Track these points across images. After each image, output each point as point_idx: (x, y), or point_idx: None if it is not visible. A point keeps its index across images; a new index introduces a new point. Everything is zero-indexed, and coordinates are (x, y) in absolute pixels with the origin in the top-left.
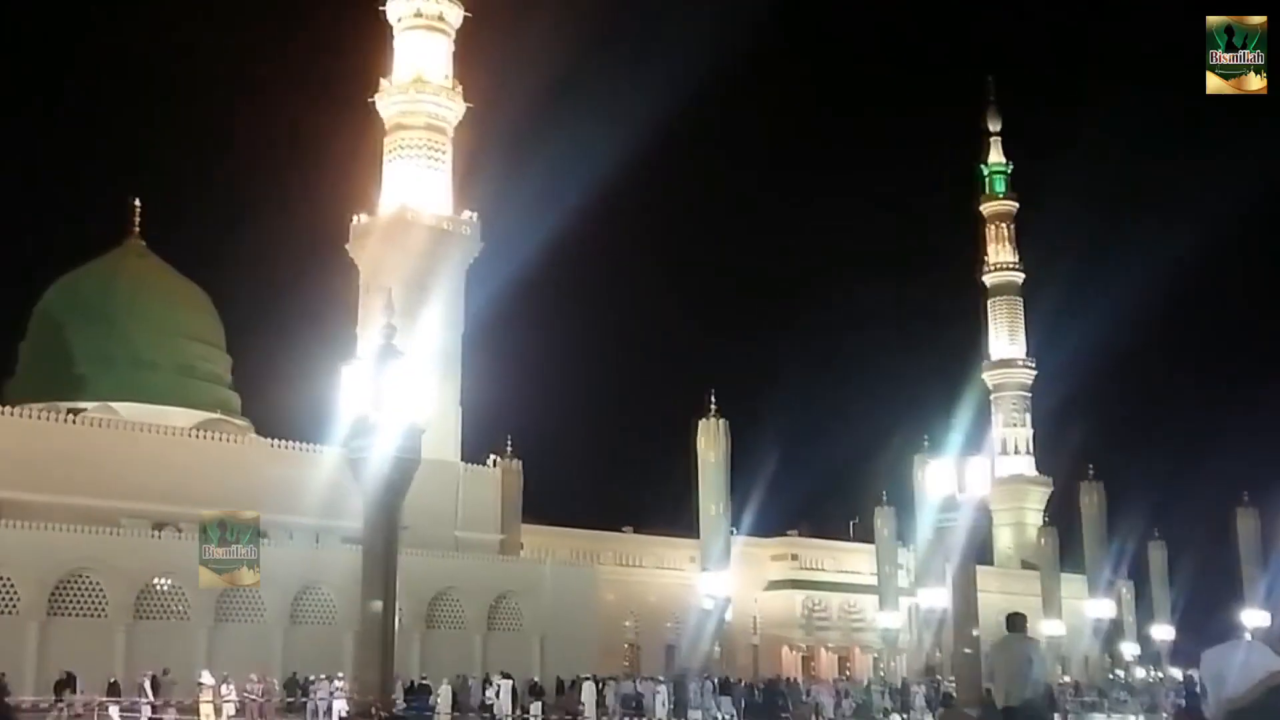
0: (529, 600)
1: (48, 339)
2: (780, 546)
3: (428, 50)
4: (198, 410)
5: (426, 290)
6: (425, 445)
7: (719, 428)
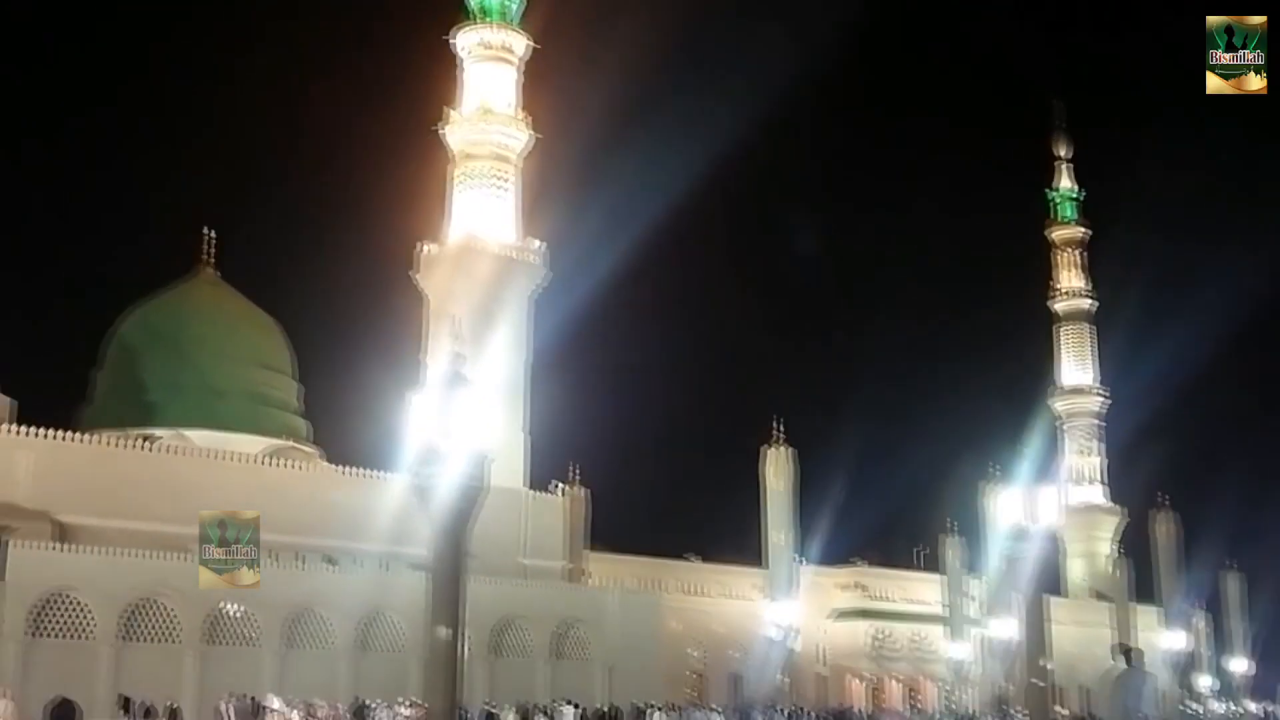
0: (594, 628)
1: (122, 367)
2: (847, 575)
3: (494, 81)
4: (268, 437)
5: (493, 318)
6: (492, 472)
7: (786, 456)
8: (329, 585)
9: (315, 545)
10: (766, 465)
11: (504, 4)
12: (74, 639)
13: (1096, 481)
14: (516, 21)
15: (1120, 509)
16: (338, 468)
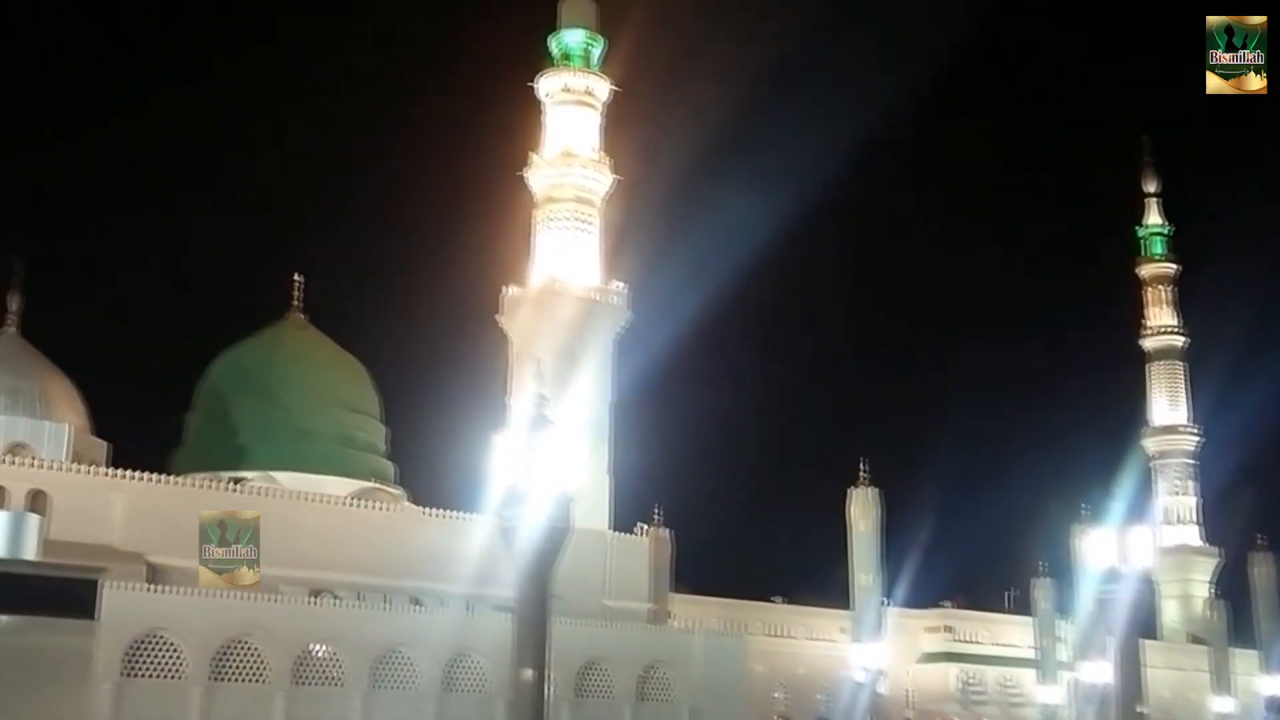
0: (678, 670)
1: (213, 410)
2: (935, 618)
3: (577, 124)
4: (354, 479)
5: (576, 359)
6: (575, 514)
7: (871, 496)
8: (414, 626)
9: (401, 586)
10: (851, 506)
11: (586, 49)
12: (166, 679)
13: (1191, 522)
14: (598, 66)
15: (1216, 550)
16: (423, 509)
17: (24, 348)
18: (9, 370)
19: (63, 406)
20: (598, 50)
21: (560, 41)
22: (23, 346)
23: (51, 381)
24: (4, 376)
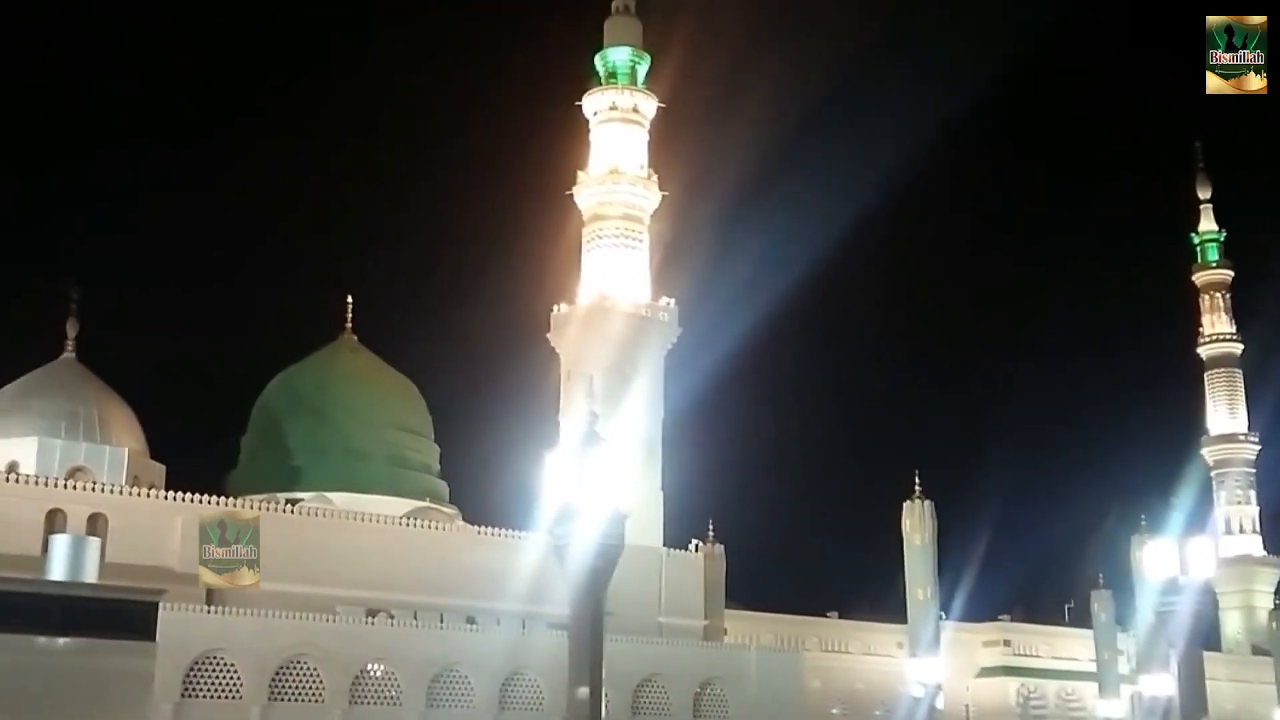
0: (734, 687)
1: (267, 432)
2: (992, 632)
3: (623, 142)
4: (408, 499)
5: (626, 377)
6: (628, 531)
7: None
8: (469, 645)
9: (455, 605)
10: (905, 519)
11: (632, 66)
12: (224, 699)
13: (1251, 532)
14: (644, 83)
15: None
16: (476, 528)
17: (81, 372)
18: (67, 395)
19: (120, 430)
20: (643, 67)
21: (606, 60)
22: (80, 371)
23: (109, 406)
24: (63, 401)
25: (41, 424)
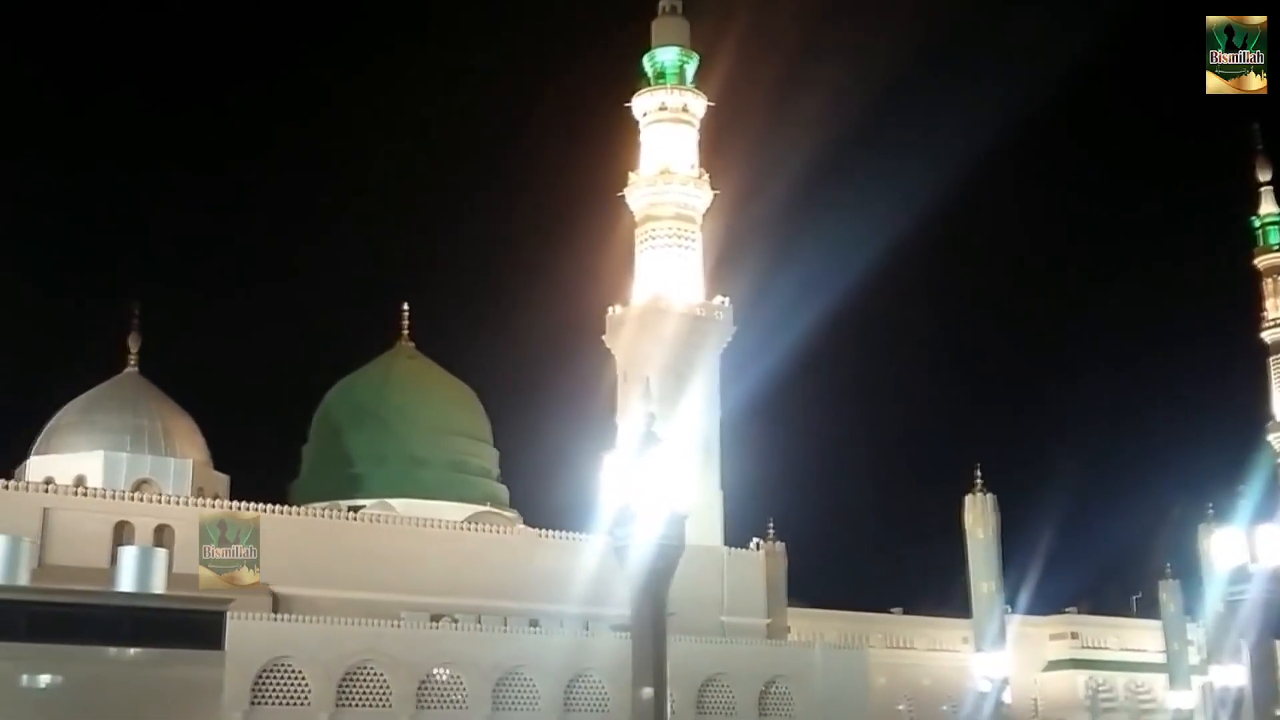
0: (799, 685)
1: (328, 441)
2: (1059, 625)
3: (673, 141)
4: (468, 504)
5: (682, 377)
6: (688, 531)
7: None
8: (533, 647)
9: (518, 609)
10: (967, 513)
11: (681, 66)
12: (292, 706)
13: None
14: (693, 82)
15: None
16: (537, 531)
17: (145, 386)
18: (132, 409)
19: (184, 442)
20: (692, 67)
21: (654, 60)
22: (143, 385)
23: (172, 418)
24: (127, 415)
25: (107, 438)
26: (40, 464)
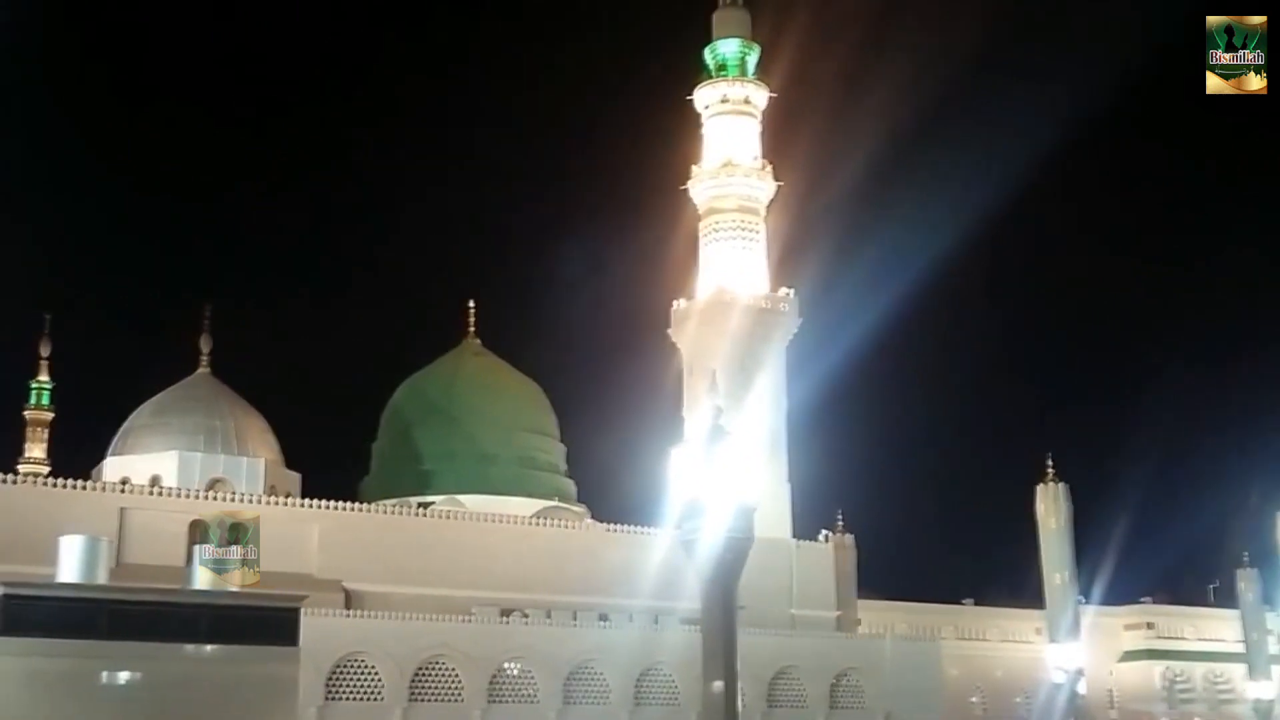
0: (870, 677)
1: (397, 438)
2: (1134, 615)
3: (736, 133)
4: (537, 499)
5: (748, 369)
6: (757, 524)
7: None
8: (603, 642)
9: (588, 603)
10: (1038, 503)
11: (742, 57)
12: (366, 701)
13: None
14: (754, 73)
15: None
16: (605, 526)
17: (216, 386)
18: (205, 410)
19: (256, 441)
20: (753, 58)
21: (715, 52)
22: (215, 385)
23: (244, 418)
24: (200, 416)
25: (181, 438)
26: (116, 465)
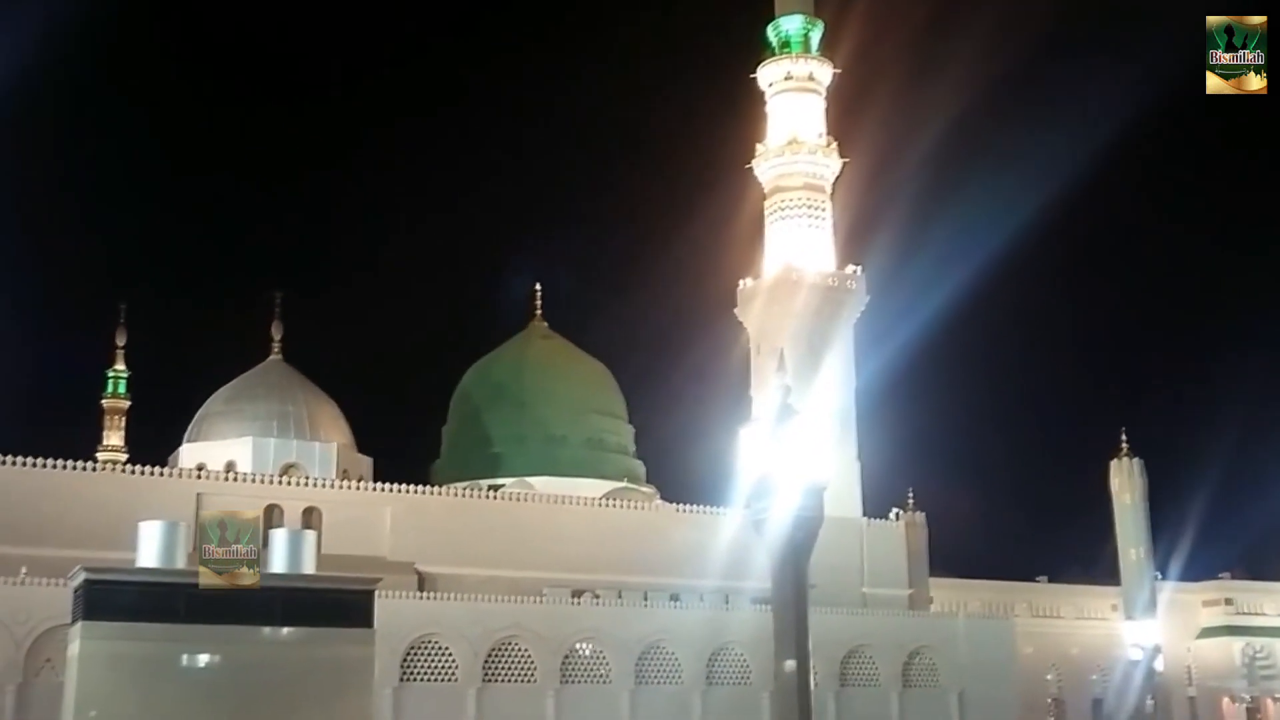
0: (944, 655)
1: (466, 421)
2: (1213, 591)
3: (800, 111)
4: (606, 480)
5: (816, 348)
6: (827, 502)
7: (1133, 467)
8: (674, 622)
9: (658, 583)
10: (1112, 479)
11: (805, 34)
12: (440, 682)
13: None
14: (818, 50)
15: None
16: (674, 506)
17: (288, 373)
18: (278, 396)
19: (328, 426)
20: (817, 34)
21: (778, 29)
22: (287, 372)
23: (316, 403)
24: (273, 402)
25: (255, 425)
26: (192, 451)
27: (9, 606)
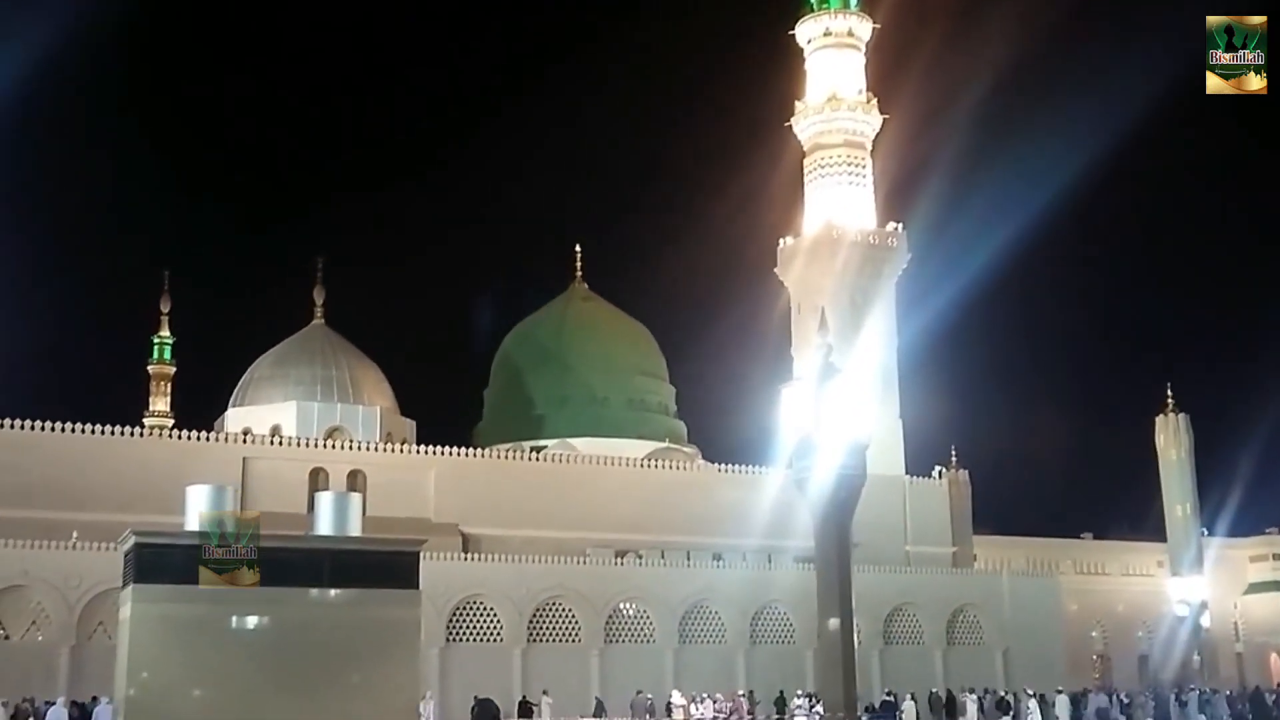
0: (988, 613)
1: (508, 383)
2: (1260, 546)
3: (840, 67)
4: (648, 441)
5: (858, 306)
6: (869, 461)
7: (1180, 423)
8: (718, 581)
9: (701, 543)
10: (1158, 434)
11: None
12: (486, 643)
13: None
14: (856, 5)
15: None
16: (717, 466)
17: (331, 337)
18: (321, 360)
19: (371, 390)
20: None
21: None
22: (330, 336)
23: (359, 367)
24: (317, 366)
25: (299, 389)
26: (238, 416)
27: (62, 571)
